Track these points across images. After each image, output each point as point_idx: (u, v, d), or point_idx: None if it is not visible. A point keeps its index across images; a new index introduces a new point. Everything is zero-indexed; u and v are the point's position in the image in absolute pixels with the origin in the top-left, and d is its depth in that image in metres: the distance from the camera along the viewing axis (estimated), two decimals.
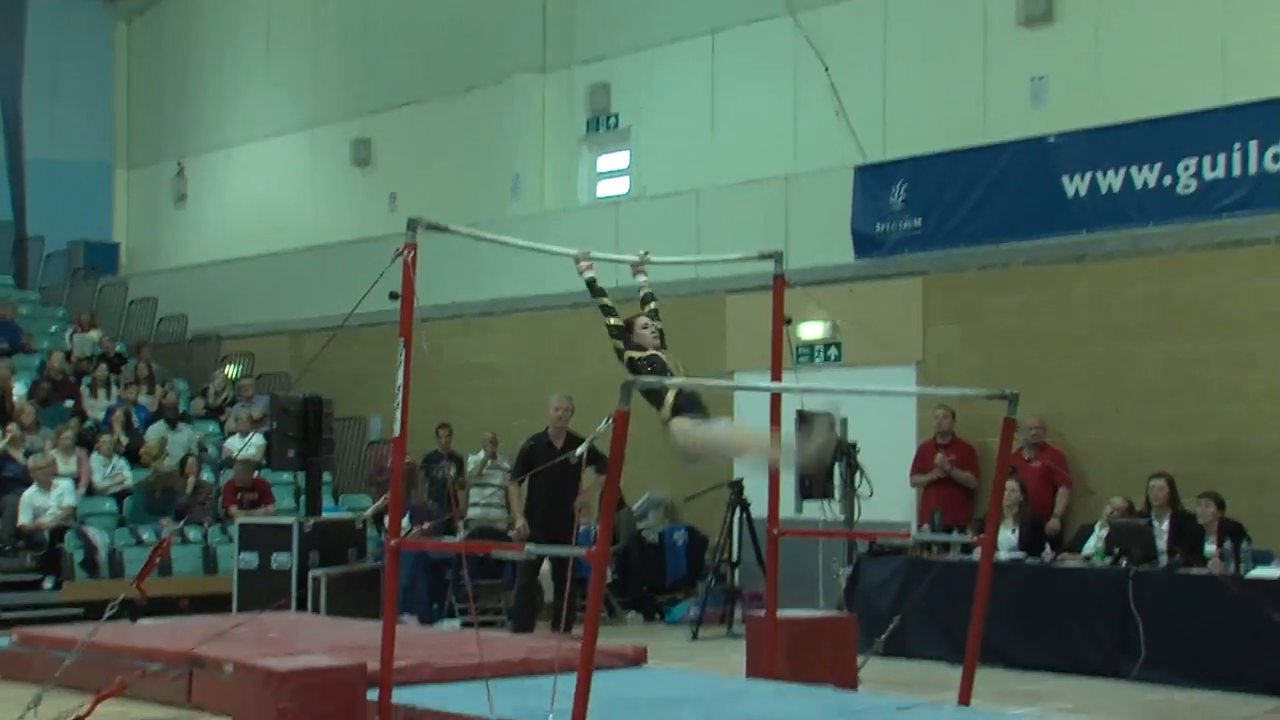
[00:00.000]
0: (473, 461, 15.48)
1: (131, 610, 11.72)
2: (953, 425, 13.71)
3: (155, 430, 17.86)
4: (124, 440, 17.40)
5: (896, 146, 15.23)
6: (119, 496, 16.43)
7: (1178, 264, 12.81)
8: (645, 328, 8.43)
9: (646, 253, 9.16)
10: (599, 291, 8.50)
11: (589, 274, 8.61)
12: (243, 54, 23.64)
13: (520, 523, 12.92)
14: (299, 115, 22.57)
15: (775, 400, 9.74)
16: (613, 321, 8.41)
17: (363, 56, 21.65)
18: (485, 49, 19.74)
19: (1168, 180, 12.83)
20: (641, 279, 9.00)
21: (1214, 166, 12.57)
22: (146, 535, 15.61)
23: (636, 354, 8.32)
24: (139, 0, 25.51)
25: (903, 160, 14.83)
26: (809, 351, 14.90)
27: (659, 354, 8.32)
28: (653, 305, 8.75)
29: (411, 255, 7.94)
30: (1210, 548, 11.30)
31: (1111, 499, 12.16)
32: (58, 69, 24.73)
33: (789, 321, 9.90)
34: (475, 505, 15.12)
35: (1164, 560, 11.31)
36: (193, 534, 16.11)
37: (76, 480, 16.16)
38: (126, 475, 16.65)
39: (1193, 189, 12.69)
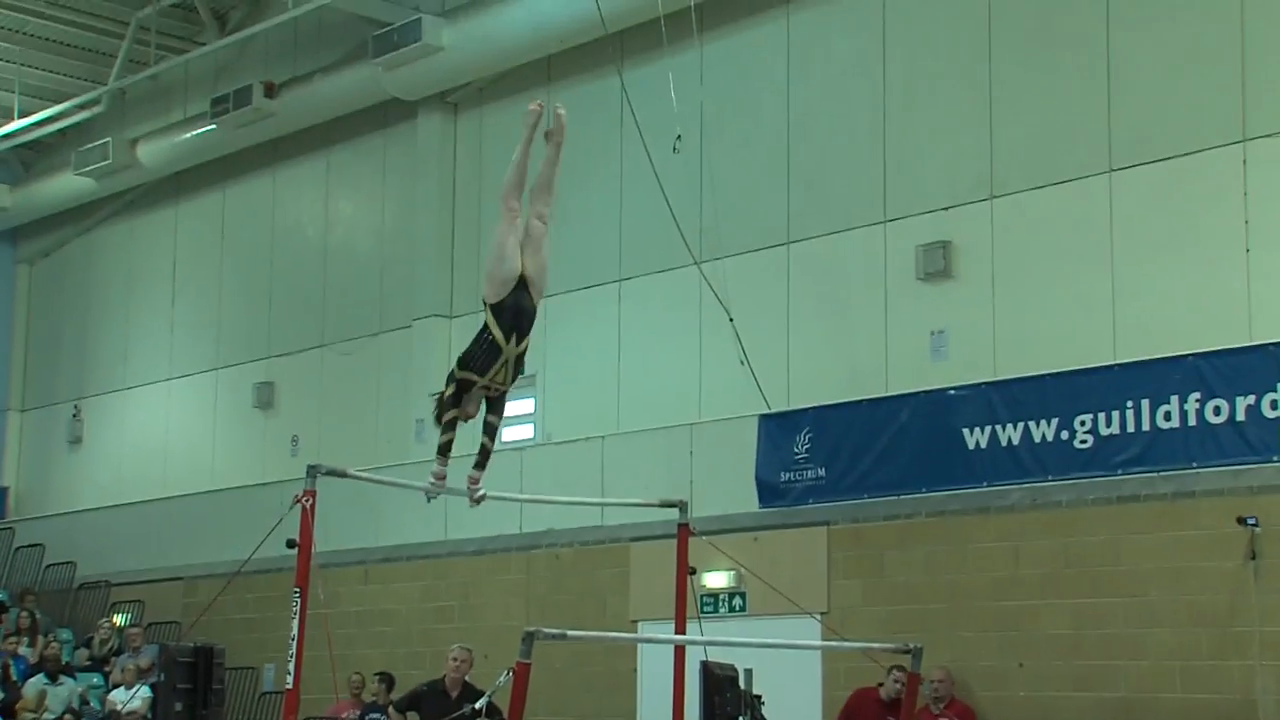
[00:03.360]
0: None
1: None
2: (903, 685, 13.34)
3: (34, 684, 17.41)
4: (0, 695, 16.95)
5: (800, 396, 15.44)
6: None
7: (1078, 518, 12.95)
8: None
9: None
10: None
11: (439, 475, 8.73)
12: (146, 296, 23.74)
13: None
14: (201, 357, 22.60)
15: (679, 651, 9.72)
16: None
17: (269, 298, 21.80)
18: (392, 293, 19.98)
19: (1065, 435, 13.03)
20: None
21: (1109, 423, 12.79)
22: None
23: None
24: (42, 243, 25.64)
25: (806, 410, 14.97)
26: (713, 601, 14.88)
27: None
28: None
29: (310, 502, 7.96)
30: None
31: None
32: None
33: (693, 571, 9.94)
34: None
35: None
36: None
37: None
38: None
39: (1089, 444, 12.89)
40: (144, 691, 16.41)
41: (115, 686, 17.83)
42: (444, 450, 8.56)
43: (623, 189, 17.69)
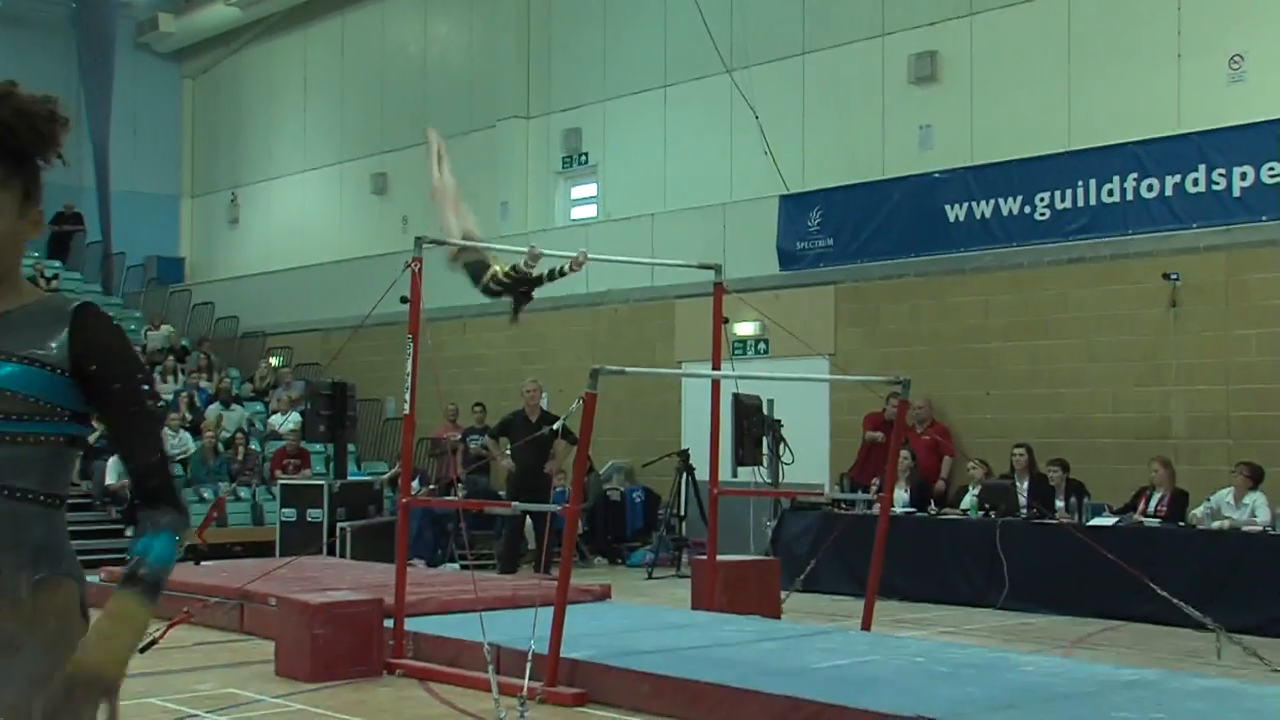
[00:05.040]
0: None
1: (196, 555, 11.71)
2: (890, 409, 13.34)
3: (213, 409, 17.81)
4: (188, 417, 17.36)
5: (813, 180, 15.29)
6: (184, 463, 16.40)
7: (1035, 276, 12.91)
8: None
9: (584, 252, 8.34)
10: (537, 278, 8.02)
11: (538, 269, 8.03)
12: (283, 103, 23.55)
13: (505, 462, 12.91)
14: (329, 153, 22.50)
15: (715, 384, 9.78)
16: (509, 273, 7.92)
17: (381, 105, 21.59)
18: (479, 99, 19.72)
19: (1027, 209, 12.94)
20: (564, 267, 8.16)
21: (1063, 199, 12.68)
22: (207, 494, 15.59)
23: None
24: (201, 62, 25.36)
25: (818, 191, 14.89)
26: (743, 346, 14.97)
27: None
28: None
29: (418, 267, 7.97)
30: (1059, 503, 11.43)
31: (970, 464, 12.36)
32: (137, 118, 24.59)
33: (726, 321, 9.94)
34: None
35: (1024, 513, 11.43)
36: (243, 493, 16.08)
37: None
38: (190, 446, 16.61)
39: (1047, 217, 12.80)
40: (295, 417, 16.77)
41: (273, 413, 18.25)
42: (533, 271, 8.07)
43: (667, 12, 17.28)
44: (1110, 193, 12.36)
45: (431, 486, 14.94)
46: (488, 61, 19.75)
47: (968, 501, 12.14)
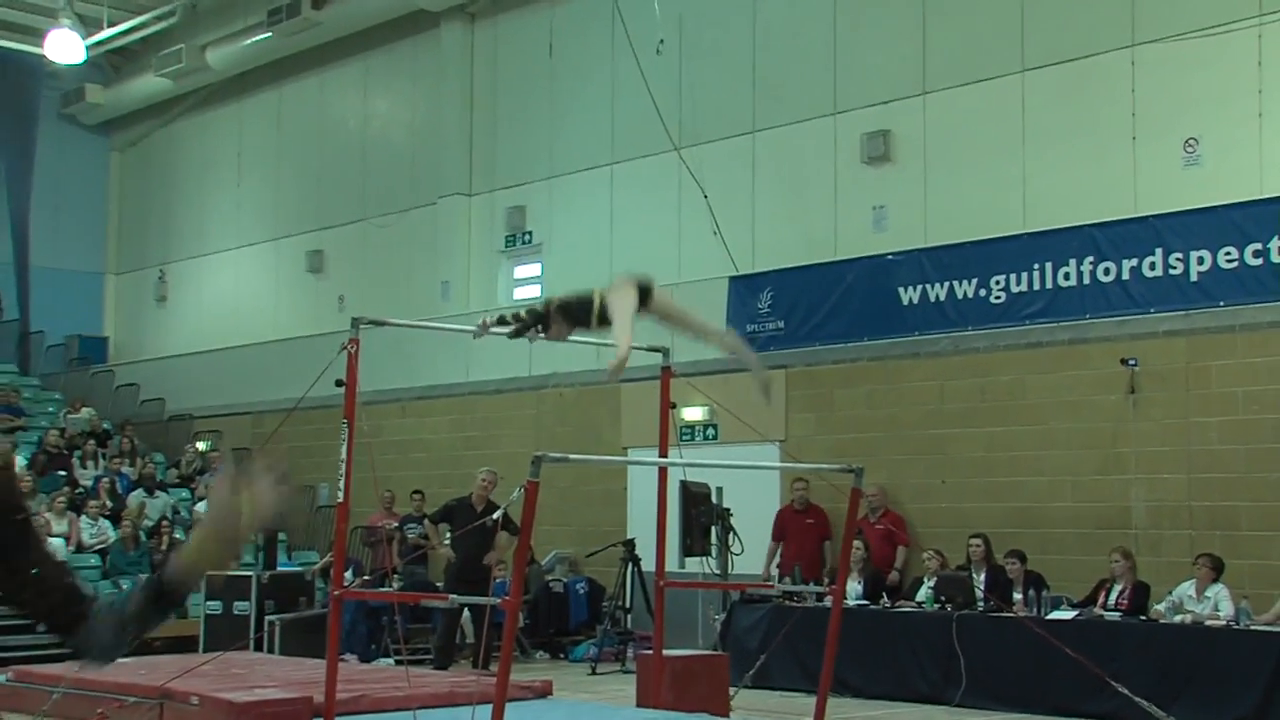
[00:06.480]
0: None
1: None
2: (808, 494, 13.71)
3: (135, 496, 17.53)
4: (109, 504, 17.07)
5: (763, 260, 15.37)
6: (103, 553, 16.08)
7: (991, 361, 13.01)
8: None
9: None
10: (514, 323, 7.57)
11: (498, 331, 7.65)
12: (216, 178, 23.48)
13: (444, 550, 12.88)
14: (263, 229, 22.42)
15: (662, 472, 9.73)
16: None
17: (318, 179, 21.58)
18: (421, 175, 19.76)
19: (983, 292, 13.06)
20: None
21: (1019, 282, 12.83)
22: (127, 585, 15.27)
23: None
24: (130, 134, 25.28)
25: (769, 272, 14.96)
26: (690, 431, 14.93)
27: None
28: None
29: (355, 348, 7.90)
30: (1018, 595, 11.42)
31: (925, 554, 12.37)
32: (60, 191, 24.41)
33: (674, 406, 9.91)
34: None
35: (981, 606, 11.41)
36: None
37: (67, 539, 15.80)
38: (110, 534, 16.30)
39: (1003, 300, 12.93)
40: None
41: (200, 500, 17.97)
42: (501, 321, 7.67)
43: (614, 88, 17.42)
44: (1067, 276, 12.51)
45: (366, 577, 14.73)
46: (430, 137, 19.83)
47: (923, 593, 12.10)
